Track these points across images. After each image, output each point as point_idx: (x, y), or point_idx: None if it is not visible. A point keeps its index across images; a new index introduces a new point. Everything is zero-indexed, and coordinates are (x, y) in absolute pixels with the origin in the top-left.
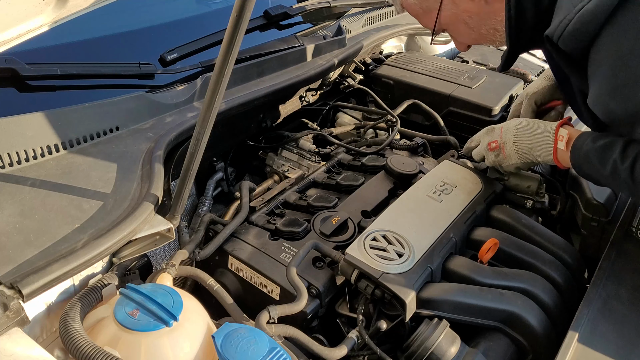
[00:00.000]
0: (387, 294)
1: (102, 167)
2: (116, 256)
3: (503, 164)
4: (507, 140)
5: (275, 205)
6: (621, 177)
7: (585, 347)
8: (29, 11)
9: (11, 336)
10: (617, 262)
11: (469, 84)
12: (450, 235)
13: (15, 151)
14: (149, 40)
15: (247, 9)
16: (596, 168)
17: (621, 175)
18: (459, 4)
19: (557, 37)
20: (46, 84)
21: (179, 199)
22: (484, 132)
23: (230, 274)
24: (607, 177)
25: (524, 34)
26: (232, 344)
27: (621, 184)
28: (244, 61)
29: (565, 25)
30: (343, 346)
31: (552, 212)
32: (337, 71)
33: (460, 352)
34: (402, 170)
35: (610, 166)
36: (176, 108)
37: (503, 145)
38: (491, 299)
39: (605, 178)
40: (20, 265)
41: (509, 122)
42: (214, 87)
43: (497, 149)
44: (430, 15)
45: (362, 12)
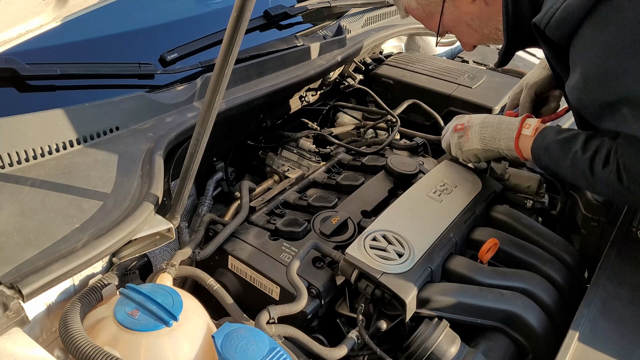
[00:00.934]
0: (387, 294)
1: (102, 167)
2: (116, 256)
3: (464, 147)
4: (473, 125)
5: (275, 205)
6: (580, 168)
7: (585, 347)
8: (29, 11)
9: (11, 336)
10: (617, 262)
11: (469, 84)
12: (450, 235)
13: (15, 151)
14: (149, 40)
15: (247, 9)
16: (556, 159)
17: (580, 166)
18: (460, 7)
19: (544, 25)
20: (46, 84)
21: (179, 199)
22: (454, 118)
23: (230, 274)
24: (566, 168)
25: (521, 28)
26: (232, 344)
27: (579, 175)
28: (244, 61)
29: (552, 13)
30: (343, 346)
31: (552, 212)
32: (337, 71)
33: (460, 352)
34: (402, 170)
35: (570, 157)
36: (176, 108)
37: (468, 128)
38: (491, 299)
39: (564, 169)
40: (20, 265)
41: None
42: (214, 87)
43: (461, 131)
44: (434, 19)
45: (362, 12)
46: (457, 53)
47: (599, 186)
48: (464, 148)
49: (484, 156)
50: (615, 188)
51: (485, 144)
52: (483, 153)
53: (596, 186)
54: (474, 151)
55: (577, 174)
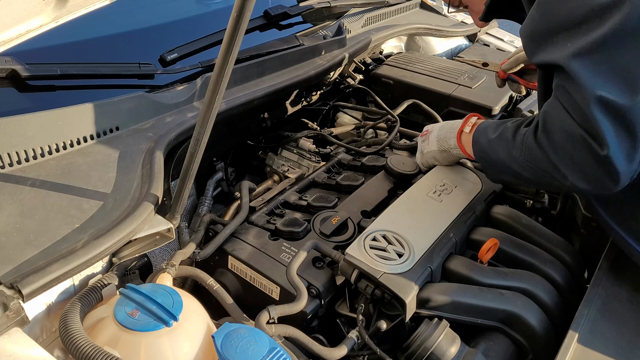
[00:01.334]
0: (387, 294)
1: (102, 167)
2: (116, 256)
3: (424, 150)
4: (434, 129)
5: (275, 205)
6: (504, 136)
7: (585, 347)
8: (29, 11)
9: (11, 336)
10: (617, 262)
11: (469, 84)
12: (450, 235)
13: (15, 151)
14: (149, 40)
15: (247, 9)
16: (487, 136)
17: (505, 134)
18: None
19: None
20: (46, 84)
21: (179, 199)
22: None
23: (230, 274)
24: (493, 140)
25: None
26: (232, 344)
27: (502, 143)
28: (244, 61)
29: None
30: (343, 346)
31: (552, 212)
32: (337, 71)
33: (460, 352)
34: (402, 170)
35: (500, 130)
36: (176, 108)
37: (429, 132)
38: (491, 299)
39: (490, 142)
40: (20, 265)
41: None
42: (214, 87)
43: (424, 135)
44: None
45: (362, 12)
46: (457, 53)
47: (516, 150)
48: (424, 151)
49: (441, 157)
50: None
51: (440, 144)
52: (440, 154)
53: (513, 150)
54: (432, 154)
55: (500, 144)
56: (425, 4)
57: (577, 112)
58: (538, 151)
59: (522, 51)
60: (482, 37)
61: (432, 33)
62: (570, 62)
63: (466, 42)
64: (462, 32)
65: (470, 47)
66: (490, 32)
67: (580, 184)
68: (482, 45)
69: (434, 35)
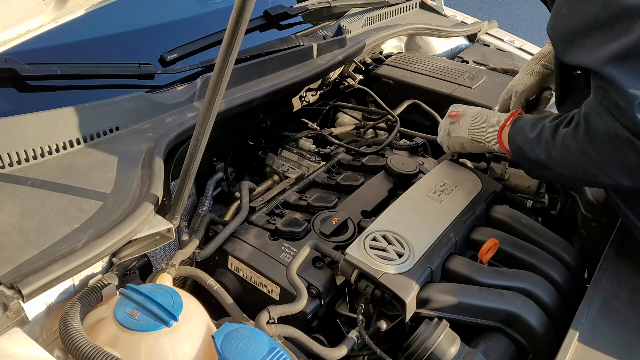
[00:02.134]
0: (387, 294)
1: (102, 167)
2: (116, 256)
3: (452, 134)
4: (466, 114)
5: (275, 205)
6: (543, 137)
7: (585, 347)
8: (29, 11)
9: (11, 336)
10: (617, 262)
11: (469, 84)
12: (450, 235)
13: (15, 151)
14: (149, 40)
15: (247, 9)
16: (525, 134)
17: (544, 134)
18: None
19: None
20: (46, 84)
21: (179, 199)
22: (452, 106)
23: (230, 274)
24: (532, 140)
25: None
26: (232, 344)
27: (541, 144)
28: (244, 61)
29: None
30: (343, 346)
31: (552, 212)
32: (337, 71)
33: (460, 352)
34: (402, 170)
35: (538, 129)
36: (176, 108)
37: (461, 117)
38: (491, 299)
39: (529, 142)
40: (20, 265)
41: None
42: (214, 87)
43: (454, 117)
44: None
45: (362, 12)
46: (457, 53)
47: (555, 150)
48: (452, 134)
49: (469, 146)
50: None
51: (474, 134)
52: (469, 143)
53: (553, 151)
54: (461, 140)
55: (539, 145)
56: (425, 4)
57: (620, 114)
58: (580, 152)
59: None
60: (482, 37)
61: (432, 33)
62: (605, 68)
63: (466, 42)
64: (462, 32)
65: (470, 47)
66: (490, 32)
67: (625, 182)
68: (482, 45)
69: (434, 35)
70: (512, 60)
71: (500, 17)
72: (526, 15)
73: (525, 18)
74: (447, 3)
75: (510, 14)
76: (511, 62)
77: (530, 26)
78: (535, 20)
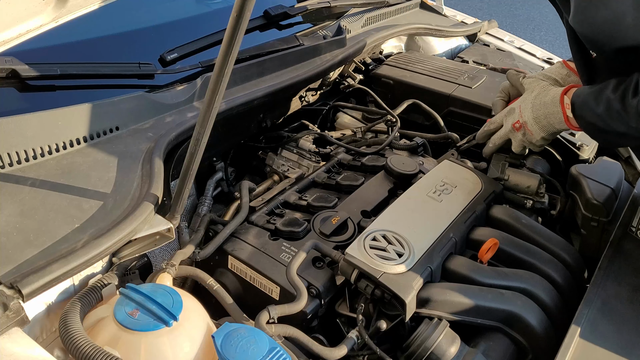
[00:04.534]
0: (387, 294)
1: (102, 167)
2: (116, 256)
3: (533, 141)
4: (527, 118)
5: (275, 205)
6: (614, 109)
7: (585, 347)
8: (29, 11)
9: (11, 336)
10: (617, 262)
11: (469, 84)
12: (450, 235)
13: (15, 151)
14: (149, 40)
15: (247, 9)
16: (593, 110)
17: (614, 107)
18: None
19: None
20: (46, 84)
21: (179, 199)
22: (504, 114)
23: (230, 274)
24: (602, 114)
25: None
26: (232, 343)
27: (614, 117)
28: (244, 61)
29: None
30: (343, 346)
31: (552, 212)
32: (337, 71)
33: (460, 352)
34: (402, 170)
35: (604, 102)
36: (176, 108)
37: (525, 123)
38: (491, 299)
39: (600, 117)
40: (20, 265)
41: (525, 97)
42: (214, 87)
43: (522, 129)
44: None
45: (362, 12)
46: (457, 53)
47: (633, 121)
48: (533, 140)
49: (551, 137)
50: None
51: (546, 129)
52: (549, 135)
53: (630, 121)
54: (541, 138)
55: (612, 117)
56: (425, 4)
57: None
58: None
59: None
60: (482, 37)
61: (432, 33)
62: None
63: (466, 42)
64: (462, 32)
65: (470, 47)
66: (490, 32)
67: None
68: (482, 45)
69: (434, 35)
70: (512, 60)
71: (500, 17)
72: (526, 15)
73: (525, 18)
74: (447, 3)
75: (510, 14)
76: (511, 62)
77: (530, 26)
78: (535, 20)
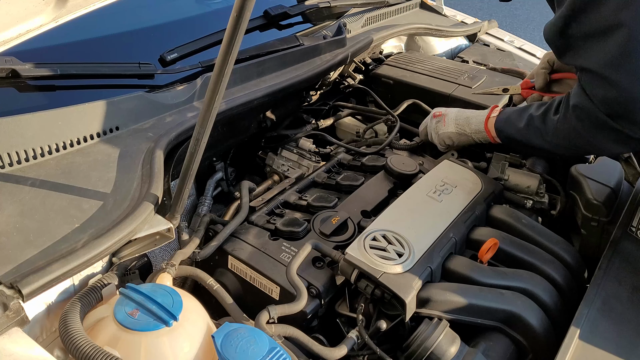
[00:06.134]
0: (387, 294)
1: (102, 167)
2: (116, 256)
3: (440, 131)
4: (450, 112)
5: (275, 205)
6: (534, 125)
7: (585, 347)
8: (29, 11)
9: (11, 336)
10: (617, 262)
11: (469, 84)
12: (450, 235)
13: (15, 151)
14: (149, 40)
15: (247, 9)
16: (514, 125)
17: (534, 123)
18: None
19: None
20: (46, 84)
21: (179, 199)
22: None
23: (230, 274)
24: (523, 130)
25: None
26: (232, 343)
27: (533, 132)
28: (244, 61)
29: None
30: (343, 346)
31: (552, 212)
32: (337, 71)
33: (460, 352)
34: (402, 170)
35: (526, 118)
36: (176, 108)
37: (446, 115)
38: (491, 298)
39: (520, 131)
40: (20, 265)
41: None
42: (214, 87)
43: (439, 117)
44: None
45: (362, 12)
46: (457, 53)
47: (549, 135)
48: (440, 131)
49: (457, 139)
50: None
51: (459, 127)
52: (456, 136)
53: (546, 136)
54: (448, 134)
55: (531, 132)
56: (425, 4)
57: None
58: (573, 135)
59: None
60: (482, 37)
61: (432, 33)
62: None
63: (466, 42)
64: (462, 32)
65: (470, 47)
66: (490, 32)
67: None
68: (482, 45)
69: (434, 35)
70: (512, 60)
71: (500, 17)
72: (526, 15)
73: (525, 18)
74: (447, 3)
75: (510, 14)
76: (511, 62)
77: (530, 26)
78: (535, 20)
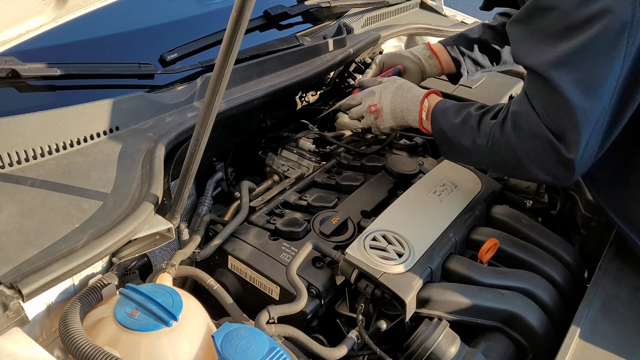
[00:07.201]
0: (387, 294)
1: (102, 167)
2: (116, 256)
3: (380, 126)
4: (384, 105)
5: (275, 205)
6: (469, 124)
7: (585, 347)
8: (29, 11)
9: (11, 336)
10: (617, 262)
11: (469, 84)
12: (450, 235)
13: (15, 151)
14: (149, 40)
15: (247, 9)
16: (449, 120)
17: (470, 122)
18: None
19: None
20: (46, 84)
21: (179, 199)
22: (366, 93)
23: (230, 274)
24: (457, 125)
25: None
26: (232, 343)
27: (466, 132)
28: (244, 61)
29: None
30: (343, 346)
31: (552, 212)
32: (337, 71)
33: (460, 352)
34: (402, 170)
35: (463, 115)
36: (176, 108)
37: (381, 109)
38: (491, 299)
39: (454, 126)
40: (20, 265)
41: (387, 85)
42: (214, 87)
43: (376, 112)
44: None
45: (362, 12)
46: None
47: (480, 138)
48: (381, 127)
49: (400, 128)
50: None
51: (398, 121)
52: (398, 127)
53: (477, 139)
54: (389, 127)
55: (465, 131)
56: (425, 4)
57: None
58: (504, 145)
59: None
60: None
61: (432, 33)
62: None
63: None
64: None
65: None
66: None
67: (540, 176)
68: None
69: (434, 35)
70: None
71: None
72: None
73: None
74: (447, 3)
75: None
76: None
77: None
78: None
